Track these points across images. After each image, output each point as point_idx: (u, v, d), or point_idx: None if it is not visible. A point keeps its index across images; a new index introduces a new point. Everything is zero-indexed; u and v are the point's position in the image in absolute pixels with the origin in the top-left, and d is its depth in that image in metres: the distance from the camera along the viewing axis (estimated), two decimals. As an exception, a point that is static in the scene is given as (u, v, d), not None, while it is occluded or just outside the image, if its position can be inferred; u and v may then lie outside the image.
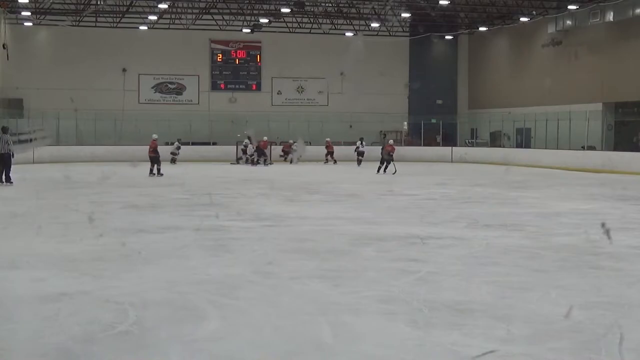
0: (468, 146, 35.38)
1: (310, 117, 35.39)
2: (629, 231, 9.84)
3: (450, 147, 33.26)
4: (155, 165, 21.59)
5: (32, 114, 31.84)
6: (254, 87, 38.08)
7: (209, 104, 37.04)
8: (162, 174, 21.30)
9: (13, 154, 17.24)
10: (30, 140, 21.40)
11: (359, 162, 29.23)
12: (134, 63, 36.02)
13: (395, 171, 23.14)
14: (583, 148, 28.76)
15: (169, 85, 37.12)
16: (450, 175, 23.64)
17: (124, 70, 36.07)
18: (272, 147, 30.43)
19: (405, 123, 38.00)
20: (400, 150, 34.34)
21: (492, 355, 4.31)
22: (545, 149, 30.46)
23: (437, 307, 5.43)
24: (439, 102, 38.14)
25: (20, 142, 17.52)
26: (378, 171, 23.87)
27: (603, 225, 9.92)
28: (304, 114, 35.91)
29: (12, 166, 17.10)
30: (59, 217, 11.16)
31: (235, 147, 30.73)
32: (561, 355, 4.37)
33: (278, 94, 38.14)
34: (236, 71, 37.82)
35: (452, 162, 31.87)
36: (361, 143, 30.24)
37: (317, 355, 4.39)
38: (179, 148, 30.34)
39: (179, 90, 37.25)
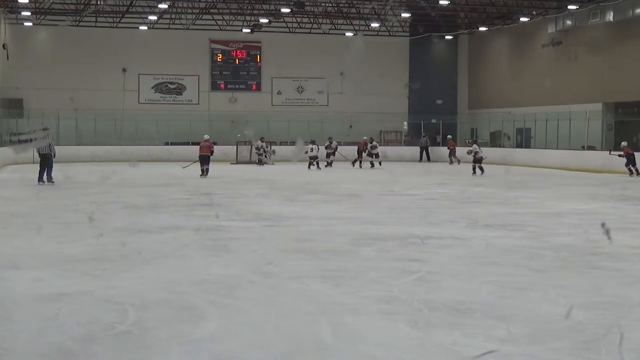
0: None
1: (310, 117, 35.34)
2: (629, 231, 9.84)
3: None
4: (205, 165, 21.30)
5: (32, 114, 31.79)
6: (254, 87, 38.04)
7: (209, 104, 37.01)
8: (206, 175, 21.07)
9: (55, 154, 17.53)
10: (31, 140, 21.41)
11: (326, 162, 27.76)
12: (134, 63, 35.98)
13: (638, 174, 22.05)
14: (583, 148, 28.76)
15: (169, 85, 37.08)
16: (450, 175, 23.64)
17: (124, 70, 36.03)
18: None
19: (405, 123, 37.95)
20: (399, 150, 34.56)
21: (492, 355, 4.31)
22: (545, 149, 30.45)
23: (437, 307, 5.43)
24: (439, 102, 38.10)
25: (20, 142, 17.52)
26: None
27: (603, 225, 9.92)
28: (304, 114, 35.86)
29: (53, 167, 17.33)
30: (59, 217, 11.17)
31: (236, 147, 30.66)
32: (561, 355, 4.37)
33: (278, 94, 38.10)
34: (236, 71, 37.77)
35: (451, 162, 31.82)
36: (330, 143, 28.75)
37: (317, 355, 4.39)
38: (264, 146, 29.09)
39: (179, 90, 37.22)
